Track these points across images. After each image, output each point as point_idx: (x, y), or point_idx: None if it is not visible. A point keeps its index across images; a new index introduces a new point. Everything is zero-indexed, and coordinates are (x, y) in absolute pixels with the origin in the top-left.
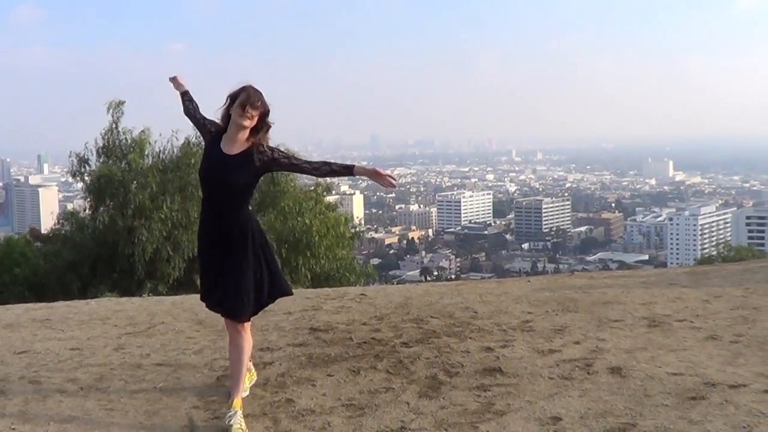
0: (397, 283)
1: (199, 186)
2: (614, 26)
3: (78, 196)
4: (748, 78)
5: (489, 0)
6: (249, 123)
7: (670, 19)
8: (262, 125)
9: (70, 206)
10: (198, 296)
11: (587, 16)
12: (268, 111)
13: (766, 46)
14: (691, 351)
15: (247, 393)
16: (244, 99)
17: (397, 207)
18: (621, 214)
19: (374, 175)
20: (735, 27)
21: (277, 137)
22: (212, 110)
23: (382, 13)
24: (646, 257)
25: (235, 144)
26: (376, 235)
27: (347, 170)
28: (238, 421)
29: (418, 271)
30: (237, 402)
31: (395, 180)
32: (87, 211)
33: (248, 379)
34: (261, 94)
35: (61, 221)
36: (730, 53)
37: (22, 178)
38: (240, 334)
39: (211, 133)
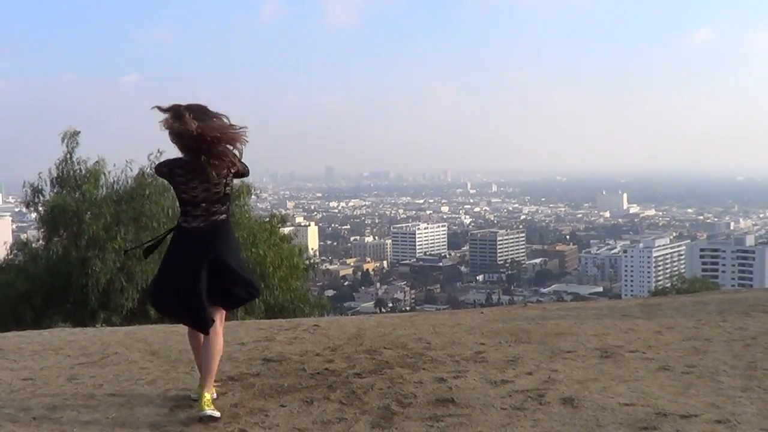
0: (351, 315)
1: (155, 217)
2: (568, 60)
3: (32, 227)
4: (701, 113)
5: (442, 34)
6: None
7: (623, 54)
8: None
9: (23, 236)
10: (152, 327)
11: (541, 52)
12: None
13: (718, 81)
14: (643, 382)
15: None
16: None
17: (351, 239)
18: (575, 246)
19: None
20: (687, 63)
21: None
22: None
23: (335, 46)
24: (601, 289)
25: None
26: (330, 267)
27: None
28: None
29: (372, 302)
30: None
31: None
32: (40, 241)
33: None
34: None
35: (14, 251)
36: (683, 88)
37: None
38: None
39: None
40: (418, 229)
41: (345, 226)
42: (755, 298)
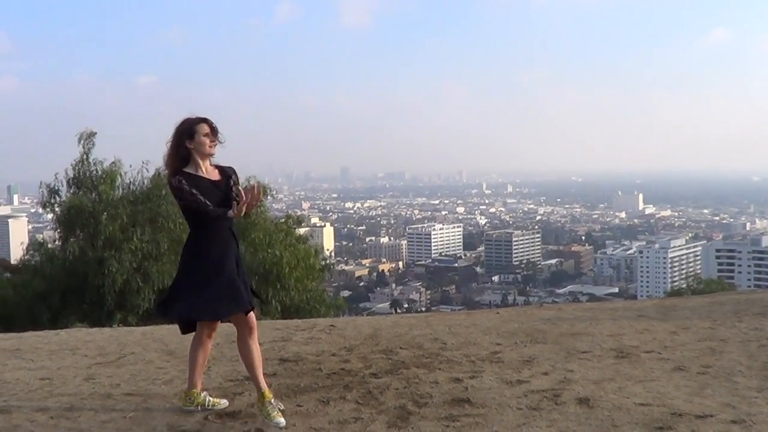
0: (367, 315)
1: (171, 217)
2: (582, 61)
3: (48, 227)
4: (716, 113)
5: (456, 35)
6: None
7: (637, 54)
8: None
9: (39, 237)
10: (169, 327)
11: (554, 53)
12: None
13: (733, 81)
14: (658, 382)
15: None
16: (210, 129)
17: (367, 239)
18: (591, 246)
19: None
20: (703, 63)
21: (247, 170)
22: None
23: (349, 47)
24: (616, 290)
25: (210, 172)
26: (346, 268)
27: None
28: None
29: (388, 303)
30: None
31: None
32: (57, 242)
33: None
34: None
35: (30, 252)
36: (698, 88)
37: None
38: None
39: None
40: (434, 229)
41: (360, 227)
42: None
